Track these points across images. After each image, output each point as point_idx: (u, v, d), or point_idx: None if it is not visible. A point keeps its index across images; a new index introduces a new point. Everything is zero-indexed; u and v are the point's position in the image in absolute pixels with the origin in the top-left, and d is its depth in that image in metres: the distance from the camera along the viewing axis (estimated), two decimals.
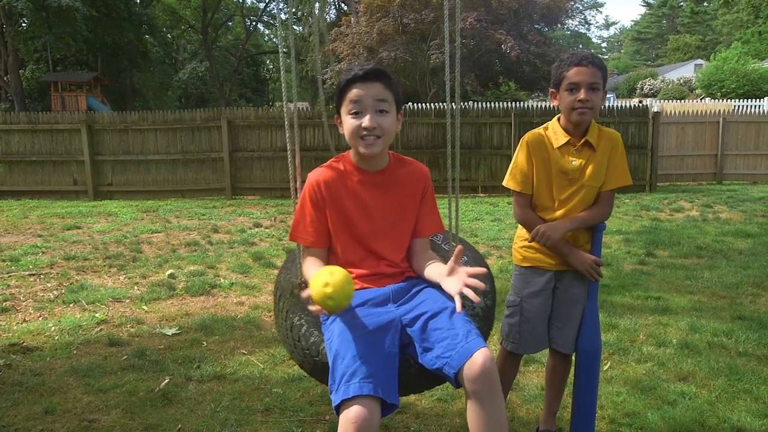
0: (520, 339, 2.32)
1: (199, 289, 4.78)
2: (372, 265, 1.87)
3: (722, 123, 12.49)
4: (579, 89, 2.12)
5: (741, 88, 27.07)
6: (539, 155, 2.22)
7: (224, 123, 11.07)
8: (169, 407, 2.76)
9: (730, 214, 8.42)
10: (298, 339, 1.87)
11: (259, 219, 8.50)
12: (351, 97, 1.76)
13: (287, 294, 1.97)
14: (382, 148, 1.79)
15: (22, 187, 11.48)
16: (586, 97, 2.10)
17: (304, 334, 1.86)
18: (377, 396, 1.54)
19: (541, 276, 2.29)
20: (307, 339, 1.85)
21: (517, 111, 11.54)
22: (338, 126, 1.84)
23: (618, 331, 3.73)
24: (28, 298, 4.64)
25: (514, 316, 2.33)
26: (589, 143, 2.20)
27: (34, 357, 3.40)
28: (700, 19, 59.09)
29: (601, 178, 2.22)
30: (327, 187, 1.84)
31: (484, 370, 1.56)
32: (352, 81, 1.76)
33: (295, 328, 1.89)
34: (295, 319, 1.90)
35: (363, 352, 1.60)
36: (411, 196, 1.91)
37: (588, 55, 2.16)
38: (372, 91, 1.75)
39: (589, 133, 2.20)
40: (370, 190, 1.86)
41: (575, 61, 2.14)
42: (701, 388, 2.91)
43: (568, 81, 2.12)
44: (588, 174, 2.20)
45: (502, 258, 5.88)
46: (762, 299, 4.45)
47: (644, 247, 6.21)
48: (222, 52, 40.47)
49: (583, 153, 2.20)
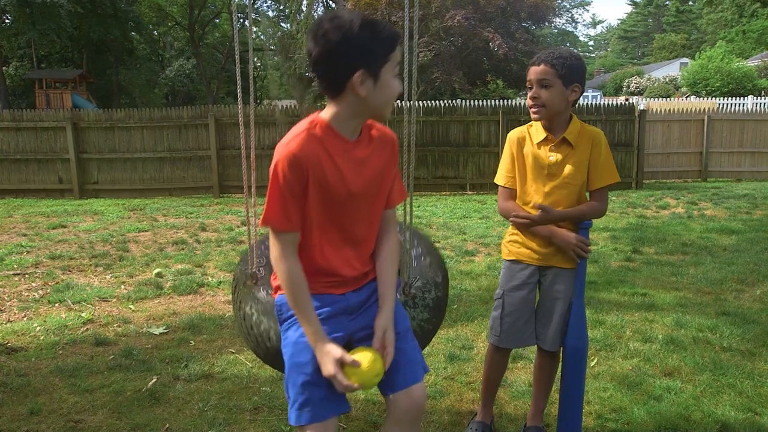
0: (501, 332, 2.33)
1: (186, 288, 4.75)
2: (343, 258, 1.62)
3: (707, 121, 12.62)
4: (531, 88, 2.19)
5: (725, 87, 27.37)
6: (520, 151, 2.28)
7: (212, 121, 11.00)
8: (157, 407, 2.75)
9: (714, 211, 8.51)
10: (251, 327, 1.97)
11: None
12: (399, 58, 1.52)
13: (241, 285, 2.06)
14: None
15: (6, 185, 11.34)
16: (533, 95, 2.16)
17: (255, 322, 1.95)
18: (330, 417, 1.58)
19: (524, 270, 2.31)
20: (258, 326, 1.94)
21: (504, 109, 11.59)
22: (356, 87, 1.46)
23: (605, 327, 3.76)
24: (12, 298, 4.59)
25: (497, 309, 2.35)
26: (566, 140, 2.21)
27: (19, 357, 3.36)
28: (686, 18, 59.66)
29: (581, 176, 2.22)
30: (308, 161, 1.50)
31: (417, 404, 1.63)
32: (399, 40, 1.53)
33: (247, 317, 1.98)
34: (247, 308, 1.99)
35: (313, 379, 1.54)
36: (387, 165, 1.64)
37: (545, 54, 2.18)
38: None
39: (569, 130, 2.21)
40: (351, 162, 1.55)
41: (531, 61, 2.22)
42: (686, 383, 2.95)
43: (527, 80, 2.23)
44: (566, 171, 2.21)
45: (489, 255, 5.91)
46: (746, 295, 4.51)
47: (630, 244, 6.27)
48: (209, 50, 40.17)
49: (561, 149, 2.21)
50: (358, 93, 1.47)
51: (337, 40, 1.43)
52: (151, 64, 35.64)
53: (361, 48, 1.44)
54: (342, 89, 1.48)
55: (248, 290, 2.02)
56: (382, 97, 1.51)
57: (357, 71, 1.45)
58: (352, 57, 1.45)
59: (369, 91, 1.48)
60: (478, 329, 3.74)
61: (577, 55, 2.22)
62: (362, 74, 1.45)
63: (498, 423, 2.58)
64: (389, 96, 1.52)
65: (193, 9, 35.99)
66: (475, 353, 3.36)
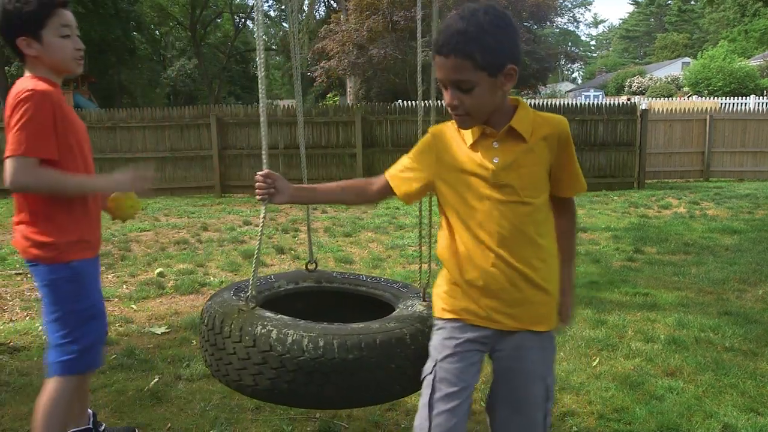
0: (433, 428, 1.52)
1: (188, 288, 4.76)
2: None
3: (709, 120, 12.60)
4: (446, 88, 1.48)
5: (727, 86, 27.33)
6: (444, 156, 1.58)
7: (213, 120, 11.01)
8: (159, 406, 2.75)
9: (716, 211, 8.50)
10: (270, 348, 1.72)
11: (249, 217, 8.46)
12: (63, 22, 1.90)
13: (233, 315, 1.85)
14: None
15: None
16: (450, 102, 1.46)
17: (278, 338, 1.72)
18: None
19: (471, 332, 1.57)
20: (284, 341, 1.72)
21: None
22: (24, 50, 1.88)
23: (606, 327, 3.75)
24: (15, 297, 4.59)
25: (425, 395, 1.56)
26: (514, 131, 1.51)
27: (21, 357, 3.37)
28: (688, 17, 59.56)
29: (543, 185, 1.55)
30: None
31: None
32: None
33: (260, 338, 1.74)
34: (258, 329, 1.76)
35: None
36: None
37: (450, 36, 1.41)
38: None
39: (516, 118, 1.51)
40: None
41: (434, 46, 1.46)
42: (688, 383, 2.94)
43: (437, 77, 1.51)
44: (523, 180, 1.51)
45: None
46: (748, 294, 4.50)
47: (632, 244, 6.26)
48: (211, 50, 40.22)
49: (508, 145, 1.51)
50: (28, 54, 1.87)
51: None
52: (153, 64, 35.70)
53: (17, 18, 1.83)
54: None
55: (249, 314, 1.83)
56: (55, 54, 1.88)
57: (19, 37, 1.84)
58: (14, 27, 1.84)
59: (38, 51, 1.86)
60: None
61: (496, 17, 1.41)
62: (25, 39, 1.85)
63: None
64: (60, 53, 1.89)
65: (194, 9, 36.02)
66: None
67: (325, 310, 2.00)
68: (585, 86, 44.37)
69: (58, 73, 1.93)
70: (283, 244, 6.41)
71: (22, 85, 1.83)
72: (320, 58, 21.49)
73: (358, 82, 22.13)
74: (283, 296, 2.29)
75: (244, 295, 2.00)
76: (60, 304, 1.93)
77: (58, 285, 1.91)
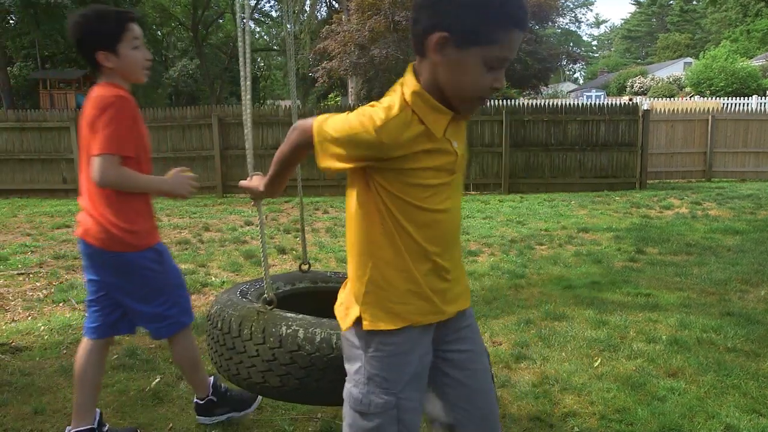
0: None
1: (190, 288, 4.73)
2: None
3: (711, 121, 12.59)
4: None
5: (730, 86, 27.30)
6: (418, 153, 1.32)
7: (215, 121, 11.02)
8: (161, 406, 2.75)
9: (719, 211, 8.49)
10: (297, 348, 1.70)
11: (250, 217, 8.47)
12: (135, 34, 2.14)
13: (252, 317, 1.82)
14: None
15: (11, 185, 11.38)
16: (502, 83, 1.33)
17: (306, 338, 1.71)
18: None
19: (425, 335, 1.43)
20: (312, 341, 1.70)
21: (508, 109, 11.57)
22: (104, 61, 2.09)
23: (608, 327, 3.75)
24: (17, 297, 4.60)
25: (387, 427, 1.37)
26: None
27: (24, 357, 3.37)
28: (690, 17, 59.52)
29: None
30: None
31: None
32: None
33: (287, 338, 1.72)
34: (283, 329, 1.75)
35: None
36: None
37: (526, 12, 1.30)
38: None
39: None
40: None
41: (514, 24, 1.27)
42: (690, 383, 2.94)
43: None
44: (462, 161, 1.42)
45: (493, 255, 5.90)
46: (750, 295, 4.49)
47: (634, 244, 6.25)
48: (212, 50, 40.24)
49: (460, 125, 1.39)
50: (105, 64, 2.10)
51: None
52: (155, 65, 35.61)
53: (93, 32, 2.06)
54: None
55: (270, 315, 1.81)
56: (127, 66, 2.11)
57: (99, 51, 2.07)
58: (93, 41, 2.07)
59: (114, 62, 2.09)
60: (481, 329, 3.72)
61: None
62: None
63: (501, 423, 2.57)
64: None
65: (196, 9, 36.04)
66: None
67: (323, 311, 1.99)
68: (587, 86, 44.34)
69: (128, 81, 2.19)
70: (285, 245, 6.41)
71: (105, 93, 2.06)
72: (322, 59, 21.49)
73: (360, 82, 22.13)
74: (281, 298, 2.29)
75: (251, 297, 2.00)
76: (152, 283, 2.21)
77: (146, 266, 2.18)
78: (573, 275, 5.07)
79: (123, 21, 2.09)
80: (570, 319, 3.93)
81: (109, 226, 2.11)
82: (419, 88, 1.31)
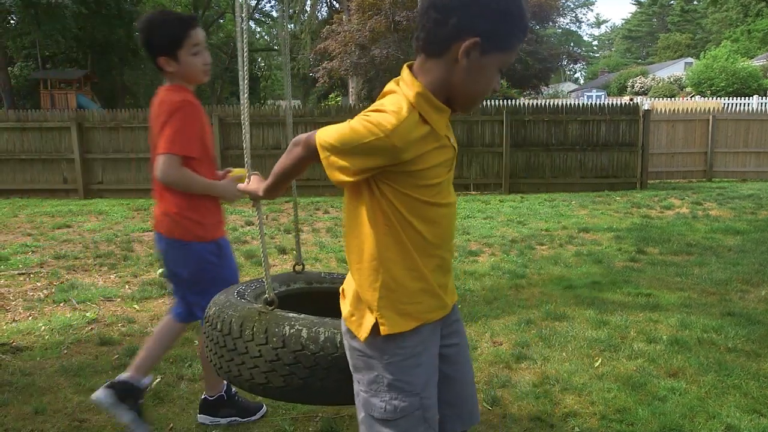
0: None
1: None
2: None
3: (712, 121, 12.58)
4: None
5: (730, 86, 27.29)
6: (423, 156, 1.33)
7: (216, 121, 11.02)
8: (161, 406, 2.75)
9: (719, 212, 8.48)
10: (301, 348, 1.69)
11: (251, 217, 8.47)
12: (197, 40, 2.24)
13: (253, 318, 1.80)
14: None
15: (11, 185, 11.38)
16: (498, 85, 1.38)
17: (309, 337, 1.70)
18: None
19: (435, 332, 1.47)
20: (316, 340, 1.70)
21: (508, 109, 11.57)
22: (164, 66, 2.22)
23: (609, 327, 3.75)
24: (17, 297, 4.61)
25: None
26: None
27: (24, 357, 3.38)
28: (690, 17, 59.51)
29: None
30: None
31: None
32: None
33: (290, 338, 1.71)
34: (286, 329, 1.73)
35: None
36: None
37: (528, 19, 1.36)
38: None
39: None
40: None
41: (523, 29, 1.34)
42: (691, 383, 2.94)
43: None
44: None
45: (493, 255, 5.90)
46: (751, 295, 4.49)
47: (635, 244, 6.25)
48: (213, 50, 40.24)
49: (448, 120, 1.41)
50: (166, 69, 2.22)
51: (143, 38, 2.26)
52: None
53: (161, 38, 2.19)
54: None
55: (271, 316, 1.79)
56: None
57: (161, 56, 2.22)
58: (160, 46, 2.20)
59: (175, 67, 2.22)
60: (481, 330, 3.74)
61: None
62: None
63: (502, 423, 2.58)
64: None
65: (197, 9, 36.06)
66: (479, 353, 3.36)
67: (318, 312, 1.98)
68: (587, 86, 44.31)
69: (190, 83, 2.30)
70: (285, 245, 6.42)
71: (171, 95, 2.20)
72: (322, 59, 21.50)
73: (360, 82, 22.13)
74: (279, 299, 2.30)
75: (248, 297, 1.99)
76: (207, 274, 2.32)
77: (206, 259, 2.31)
78: (573, 275, 5.07)
79: (185, 28, 2.20)
80: (570, 319, 3.93)
81: (180, 218, 2.25)
82: (422, 89, 1.31)
